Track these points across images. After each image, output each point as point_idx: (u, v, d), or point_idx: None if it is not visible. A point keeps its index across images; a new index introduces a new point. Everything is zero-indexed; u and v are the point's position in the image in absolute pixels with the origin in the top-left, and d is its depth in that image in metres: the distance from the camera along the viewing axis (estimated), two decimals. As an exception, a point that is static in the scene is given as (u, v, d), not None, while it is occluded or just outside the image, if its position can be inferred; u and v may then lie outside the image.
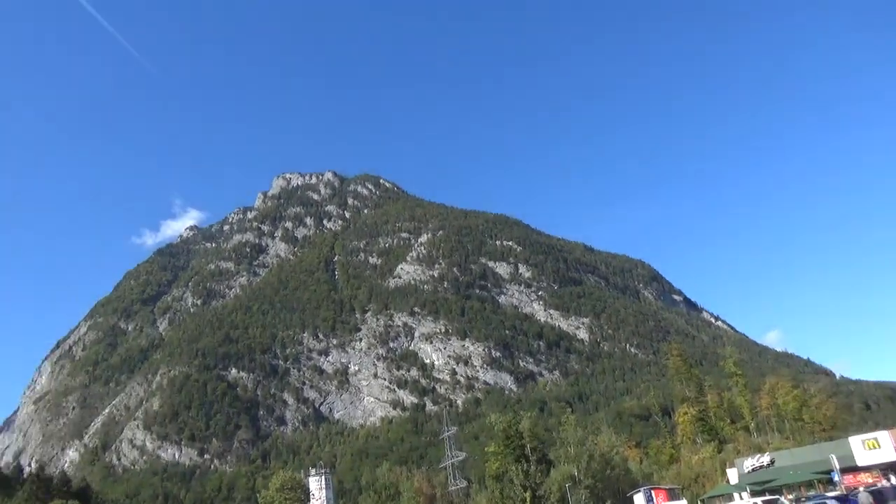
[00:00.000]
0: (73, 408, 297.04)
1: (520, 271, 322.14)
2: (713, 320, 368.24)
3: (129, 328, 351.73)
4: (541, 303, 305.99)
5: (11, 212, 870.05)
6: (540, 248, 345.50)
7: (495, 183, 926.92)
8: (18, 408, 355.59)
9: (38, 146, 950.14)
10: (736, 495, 62.68)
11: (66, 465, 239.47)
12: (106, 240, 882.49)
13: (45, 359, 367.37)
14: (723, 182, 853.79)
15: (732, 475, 70.81)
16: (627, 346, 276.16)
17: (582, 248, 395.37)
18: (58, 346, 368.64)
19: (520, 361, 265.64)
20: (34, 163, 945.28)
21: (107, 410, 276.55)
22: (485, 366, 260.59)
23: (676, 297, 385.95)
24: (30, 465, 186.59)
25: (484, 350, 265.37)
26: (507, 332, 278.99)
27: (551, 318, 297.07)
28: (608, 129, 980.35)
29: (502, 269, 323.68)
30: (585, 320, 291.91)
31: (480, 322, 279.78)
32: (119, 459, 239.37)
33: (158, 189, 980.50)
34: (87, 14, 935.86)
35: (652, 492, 68.83)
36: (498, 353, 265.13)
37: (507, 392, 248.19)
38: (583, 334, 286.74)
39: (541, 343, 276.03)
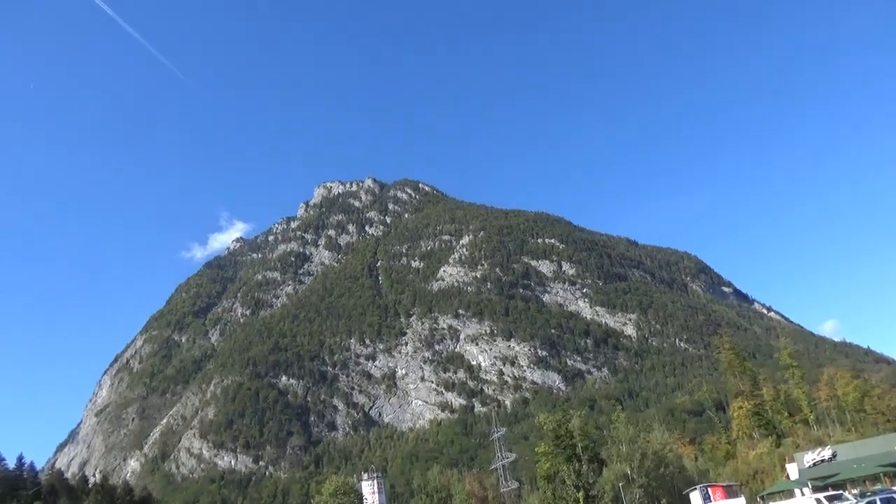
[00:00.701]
0: (133, 419, 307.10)
1: (563, 269, 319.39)
2: (765, 311, 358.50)
3: (183, 340, 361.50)
4: (586, 300, 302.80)
5: (69, 232, 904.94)
6: (583, 245, 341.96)
7: (535, 181, 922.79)
8: (82, 420, 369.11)
9: (90, 167, 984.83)
10: (797, 491, 60.76)
11: (129, 474, 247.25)
12: (157, 255, 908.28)
13: (105, 372, 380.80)
14: (769, 169, 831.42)
15: (792, 470, 68.82)
16: (677, 340, 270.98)
17: (626, 242, 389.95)
18: (116, 359, 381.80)
19: (567, 360, 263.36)
20: (89, 183, 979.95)
21: (164, 420, 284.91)
22: (532, 365, 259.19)
23: (726, 289, 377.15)
24: (94, 475, 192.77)
25: (530, 350, 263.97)
26: (552, 330, 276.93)
27: (597, 315, 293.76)
28: (648, 119, 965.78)
29: (545, 267, 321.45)
30: (632, 316, 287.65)
31: (525, 322, 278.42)
32: (178, 468, 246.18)
33: (205, 203, 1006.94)
34: (128, 35, 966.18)
35: (709, 489, 67.29)
36: (544, 353, 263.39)
37: (555, 391, 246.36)
38: (630, 330, 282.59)
39: (588, 341, 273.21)
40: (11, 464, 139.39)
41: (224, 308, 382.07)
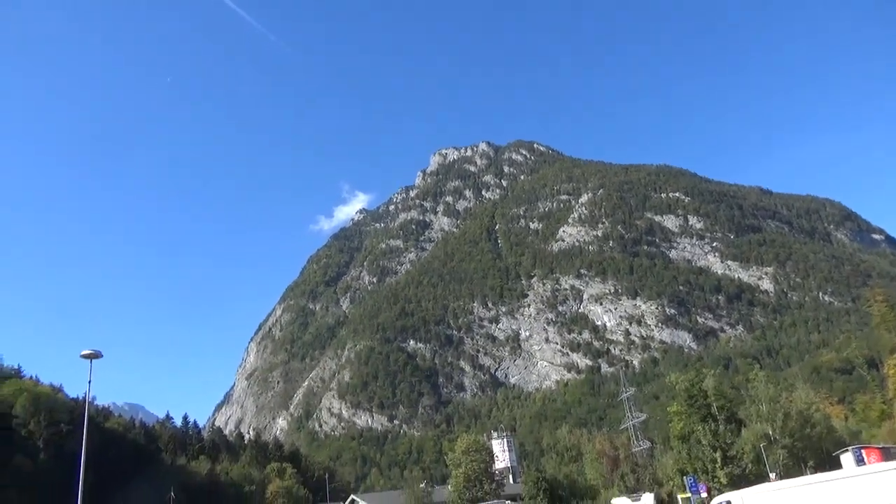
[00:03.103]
0: (278, 382, 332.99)
1: (690, 223, 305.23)
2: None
3: (317, 308, 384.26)
4: (716, 254, 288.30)
5: (217, 219, 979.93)
6: (711, 197, 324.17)
7: (655, 133, 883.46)
8: (234, 384, 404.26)
9: (232, 153, 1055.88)
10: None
11: (277, 432, 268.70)
12: (289, 230, 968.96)
13: (251, 340, 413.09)
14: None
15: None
16: (820, 294, 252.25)
17: (758, 191, 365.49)
18: (259, 328, 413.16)
19: (698, 318, 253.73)
20: (234, 167, 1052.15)
21: (306, 383, 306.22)
22: (660, 324, 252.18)
23: (876, 237, 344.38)
24: (248, 432, 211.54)
25: (657, 308, 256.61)
26: (681, 287, 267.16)
27: (729, 269, 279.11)
28: (774, 58, 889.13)
29: (670, 222, 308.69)
30: (769, 270, 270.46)
31: (651, 279, 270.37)
32: (320, 426, 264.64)
33: (328, 177, 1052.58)
34: (243, 20, 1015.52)
35: (862, 451, 63.26)
36: (673, 311, 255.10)
37: (686, 350, 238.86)
38: (767, 285, 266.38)
39: (720, 297, 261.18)
40: (178, 422, 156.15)
41: (352, 277, 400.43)
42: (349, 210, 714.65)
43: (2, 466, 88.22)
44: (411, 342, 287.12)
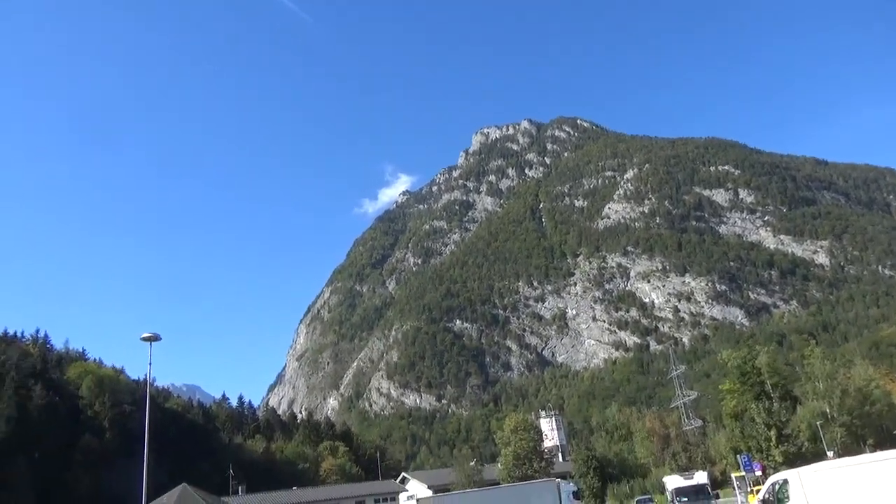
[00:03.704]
0: (328, 363, 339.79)
1: (740, 197, 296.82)
2: None
3: (364, 290, 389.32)
4: (768, 228, 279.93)
5: (264, 202, 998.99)
6: (762, 169, 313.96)
7: (703, 105, 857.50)
8: (286, 365, 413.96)
9: (279, 141, 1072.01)
10: None
11: (329, 411, 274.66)
12: (335, 213, 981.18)
13: (301, 322, 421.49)
14: None
15: None
16: (879, 267, 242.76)
17: (812, 162, 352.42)
18: (308, 310, 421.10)
19: (749, 293, 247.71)
20: (280, 155, 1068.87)
21: (355, 364, 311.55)
22: (710, 301, 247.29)
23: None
24: (300, 412, 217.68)
25: (707, 284, 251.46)
26: (731, 263, 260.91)
27: (782, 243, 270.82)
28: (825, 19, 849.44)
29: (720, 196, 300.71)
30: (824, 243, 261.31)
31: (700, 255, 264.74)
32: (370, 406, 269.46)
33: (371, 160, 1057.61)
34: (282, 3, 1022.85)
35: (925, 428, 61.45)
36: (723, 287, 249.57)
37: (737, 327, 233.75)
38: (822, 259, 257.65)
39: (772, 272, 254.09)
40: (234, 403, 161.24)
41: (398, 258, 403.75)
42: (393, 192, 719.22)
43: (71, 445, 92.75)
44: (457, 322, 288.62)
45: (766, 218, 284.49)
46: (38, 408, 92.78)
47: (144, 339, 31.94)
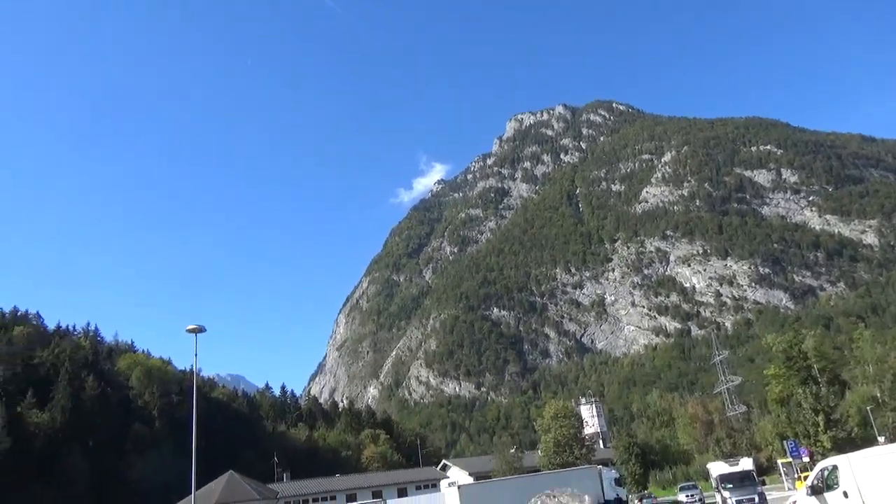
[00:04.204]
0: (367, 352, 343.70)
1: (783, 177, 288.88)
2: None
3: (401, 279, 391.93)
4: (813, 209, 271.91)
5: (303, 196, 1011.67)
6: (806, 148, 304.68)
7: (741, 84, 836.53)
8: (326, 354, 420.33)
9: (313, 134, 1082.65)
10: None
11: (369, 400, 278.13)
12: (371, 204, 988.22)
13: (340, 312, 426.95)
14: None
15: None
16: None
17: (859, 139, 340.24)
18: (347, 300, 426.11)
19: (794, 276, 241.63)
20: (315, 146, 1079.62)
21: (394, 353, 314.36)
22: (753, 284, 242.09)
23: None
24: (342, 400, 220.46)
25: (750, 268, 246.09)
26: (775, 245, 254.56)
27: (828, 224, 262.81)
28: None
29: (762, 177, 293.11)
30: (872, 222, 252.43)
31: (742, 238, 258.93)
32: (410, 394, 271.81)
33: (406, 150, 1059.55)
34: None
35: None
36: (767, 270, 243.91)
37: (782, 310, 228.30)
38: (871, 239, 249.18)
39: (818, 254, 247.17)
40: (277, 392, 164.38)
41: (434, 247, 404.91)
42: (428, 181, 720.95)
43: (123, 434, 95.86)
44: (495, 310, 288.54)
45: (811, 198, 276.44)
46: (90, 398, 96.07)
47: (190, 330, 32.76)
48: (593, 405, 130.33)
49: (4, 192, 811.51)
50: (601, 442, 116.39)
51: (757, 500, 32.39)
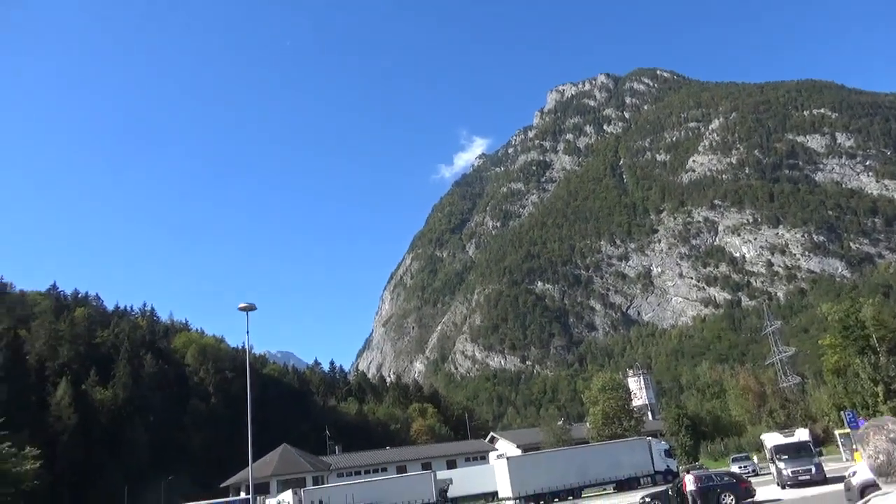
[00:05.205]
0: (413, 327, 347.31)
1: (838, 141, 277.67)
2: None
3: (444, 255, 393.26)
4: (870, 174, 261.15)
5: (347, 176, 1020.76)
6: (862, 110, 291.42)
7: (793, 45, 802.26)
8: (372, 330, 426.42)
9: (354, 116, 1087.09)
10: None
11: (416, 374, 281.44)
12: (412, 180, 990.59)
13: (385, 288, 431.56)
14: None
15: None
16: None
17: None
18: (391, 277, 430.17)
19: (850, 244, 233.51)
20: (356, 124, 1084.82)
21: (439, 328, 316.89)
22: (806, 253, 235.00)
23: None
24: (389, 375, 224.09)
25: (803, 236, 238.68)
26: (829, 212, 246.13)
27: (886, 189, 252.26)
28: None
29: (815, 142, 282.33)
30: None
31: (795, 206, 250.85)
32: (456, 368, 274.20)
33: (446, 125, 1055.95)
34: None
35: None
36: (821, 238, 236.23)
37: (837, 279, 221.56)
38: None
39: (876, 220, 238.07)
40: (326, 368, 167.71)
41: (476, 222, 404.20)
42: (469, 156, 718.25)
43: (181, 408, 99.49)
44: (539, 284, 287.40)
45: (868, 162, 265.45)
46: (149, 375, 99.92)
47: (241, 309, 33.66)
48: (641, 377, 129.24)
49: (62, 180, 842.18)
50: (650, 414, 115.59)
51: (814, 471, 31.72)
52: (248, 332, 37.50)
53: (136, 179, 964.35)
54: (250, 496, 40.31)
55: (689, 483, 27.05)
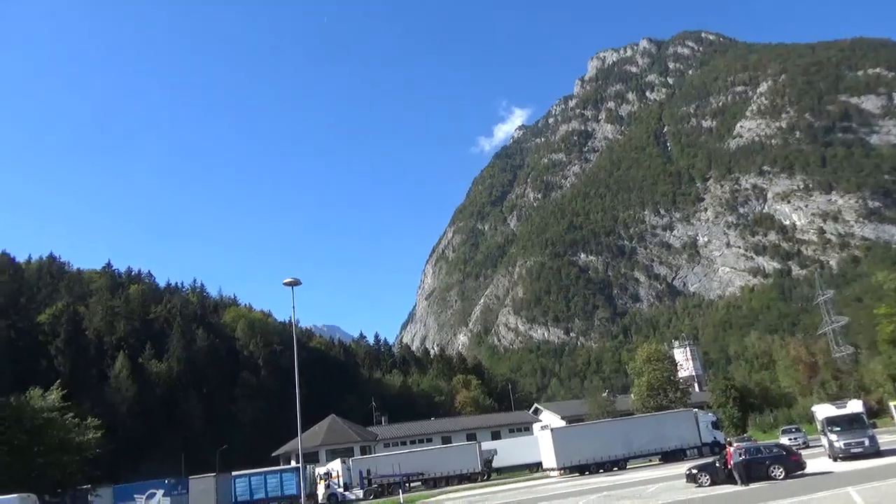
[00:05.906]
0: (456, 300, 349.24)
1: (895, 101, 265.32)
2: None
3: (486, 228, 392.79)
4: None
5: (388, 153, 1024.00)
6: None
7: (844, 1, 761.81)
8: (416, 304, 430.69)
9: (394, 90, 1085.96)
10: None
11: (459, 346, 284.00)
12: (452, 154, 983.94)
13: (427, 262, 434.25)
14: None
15: None
16: None
17: None
18: (433, 251, 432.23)
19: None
20: (396, 98, 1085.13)
21: (481, 301, 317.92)
22: (861, 219, 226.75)
23: None
24: (433, 348, 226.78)
25: (857, 202, 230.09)
26: (885, 176, 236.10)
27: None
28: None
29: (870, 103, 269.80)
30: None
31: (849, 170, 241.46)
32: (499, 340, 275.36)
33: (485, 97, 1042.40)
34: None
35: None
36: (877, 203, 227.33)
37: (894, 246, 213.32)
38: None
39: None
40: (371, 341, 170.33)
41: (517, 194, 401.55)
42: (508, 128, 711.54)
43: (232, 380, 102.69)
44: (582, 255, 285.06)
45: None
46: (201, 349, 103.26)
47: (287, 284, 34.39)
48: (687, 348, 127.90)
49: (116, 162, 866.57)
50: (696, 385, 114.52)
51: (867, 443, 30.96)
52: (293, 307, 38.45)
53: (186, 157, 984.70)
54: (300, 465, 41.57)
55: (734, 455, 26.69)
